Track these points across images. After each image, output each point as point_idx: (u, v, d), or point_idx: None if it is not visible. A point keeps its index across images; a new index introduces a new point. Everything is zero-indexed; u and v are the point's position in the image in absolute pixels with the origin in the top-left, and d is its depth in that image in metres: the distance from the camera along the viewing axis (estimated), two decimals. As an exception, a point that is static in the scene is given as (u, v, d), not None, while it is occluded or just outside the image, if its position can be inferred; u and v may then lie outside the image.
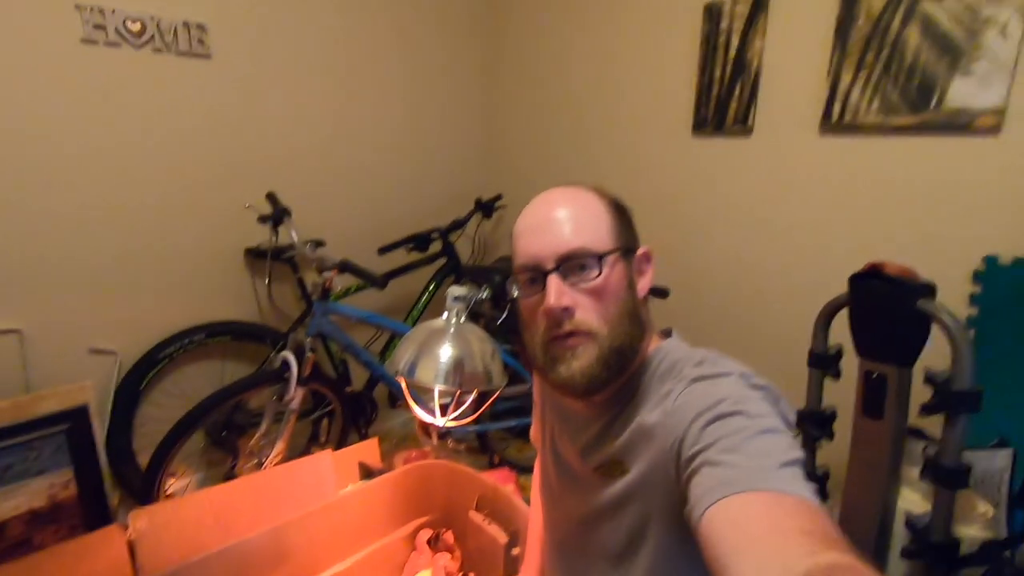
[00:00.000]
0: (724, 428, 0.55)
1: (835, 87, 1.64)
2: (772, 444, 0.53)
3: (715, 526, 0.48)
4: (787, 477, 0.50)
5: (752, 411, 0.56)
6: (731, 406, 0.56)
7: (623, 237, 0.69)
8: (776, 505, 0.47)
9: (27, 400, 1.45)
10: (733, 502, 0.48)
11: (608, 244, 0.67)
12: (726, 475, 0.51)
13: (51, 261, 1.62)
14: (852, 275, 1.14)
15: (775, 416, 0.57)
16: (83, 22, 1.58)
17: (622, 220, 0.71)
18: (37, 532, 1.47)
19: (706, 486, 0.51)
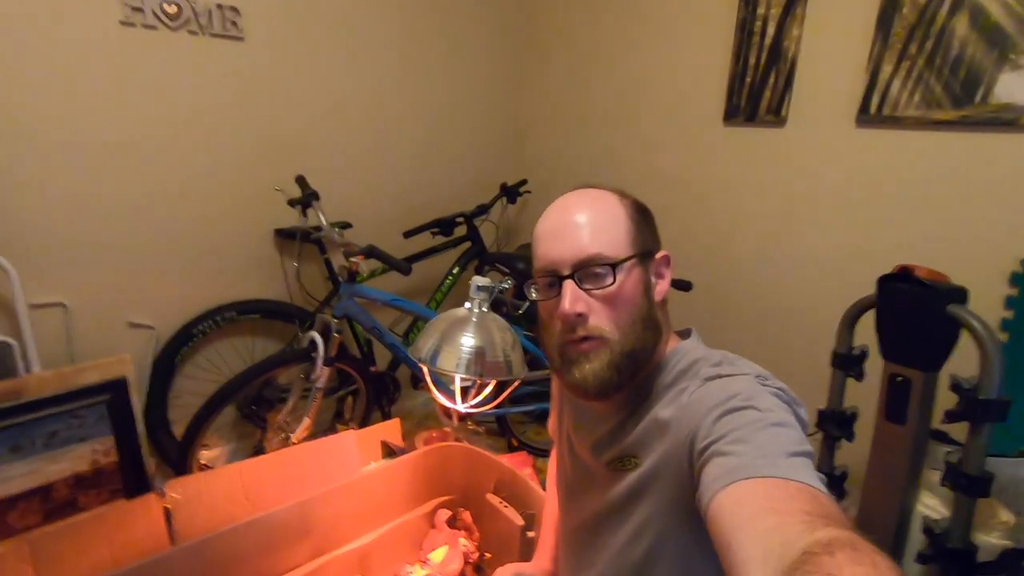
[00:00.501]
0: (735, 421, 0.56)
1: (874, 78, 1.58)
2: (781, 436, 0.54)
3: (720, 510, 0.50)
4: (794, 465, 0.51)
5: (763, 405, 0.57)
6: (743, 401, 0.58)
7: (641, 242, 0.69)
8: (779, 488, 0.48)
9: (71, 371, 1.53)
10: (739, 487, 0.50)
11: (624, 251, 0.68)
12: (733, 463, 0.52)
13: (93, 239, 1.69)
14: (880, 277, 1.12)
15: (787, 412, 0.58)
16: (122, 5, 1.61)
17: (641, 224, 0.71)
18: (81, 494, 1.56)
19: (714, 475, 0.53)
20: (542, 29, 2.51)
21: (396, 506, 1.54)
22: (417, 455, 1.57)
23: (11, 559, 1.05)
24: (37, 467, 1.48)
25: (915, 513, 1.14)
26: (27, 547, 1.08)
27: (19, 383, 1.46)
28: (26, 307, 1.54)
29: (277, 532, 1.30)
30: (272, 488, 1.36)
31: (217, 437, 2.01)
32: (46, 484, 1.50)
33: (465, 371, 1.15)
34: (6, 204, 1.53)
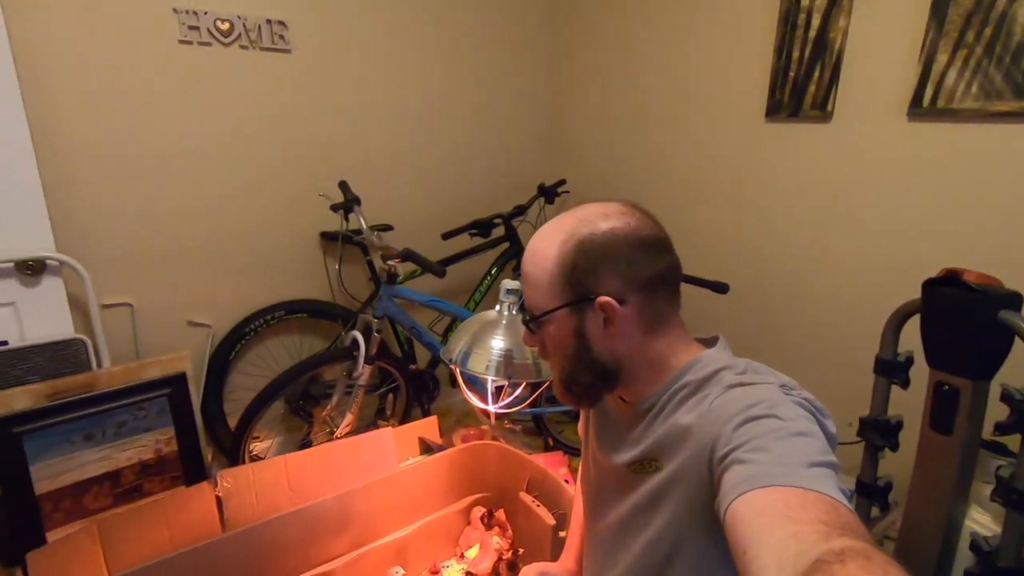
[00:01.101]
0: (756, 429, 0.56)
1: (928, 69, 1.50)
2: (803, 446, 0.54)
3: (737, 517, 0.50)
4: (814, 476, 0.50)
5: (785, 414, 0.57)
6: (765, 409, 0.58)
7: (571, 290, 0.70)
8: (797, 498, 0.48)
9: (136, 366, 1.65)
10: (756, 495, 0.50)
11: (547, 303, 0.71)
12: (752, 471, 0.52)
13: (157, 243, 1.81)
14: (925, 281, 1.07)
15: (811, 422, 0.57)
16: (180, 24, 1.72)
17: (578, 272, 0.69)
18: (146, 480, 1.69)
19: (733, 482, 0.53)
20: (579, 28, 2.50)
21: (432, 501, 1.59)
22: (453, 452, 1.62)
23: (83, 539, 1.16)
24: (108, 454, 1.62)
25: (963, 529, 1.09)
26: (96, 529, 1.18)
27: (92, 377, 1.60)
28: (97, 307, 1.67)
29: (319, 522, 1.37)
30: (315, 480, 1.43)
31: (268, 430, 2.12)
32: (115, 470, 1.63)
33: (495, 373, 1.18)
34: (81, 212, 1.67)
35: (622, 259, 0.69)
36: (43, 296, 1.59)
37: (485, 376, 1.18)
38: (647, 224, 0.70)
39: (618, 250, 0.69)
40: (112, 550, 1.17)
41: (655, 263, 0.69)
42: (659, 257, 0.69)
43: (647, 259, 0.69)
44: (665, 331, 0.72)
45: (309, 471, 1.44)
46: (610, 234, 0.69)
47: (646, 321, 0.70)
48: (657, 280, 0.69)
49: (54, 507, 1.55)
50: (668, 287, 0.71)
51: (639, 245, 0.69)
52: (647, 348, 0.72)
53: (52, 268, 1.58)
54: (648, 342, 0.71)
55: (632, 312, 0.69)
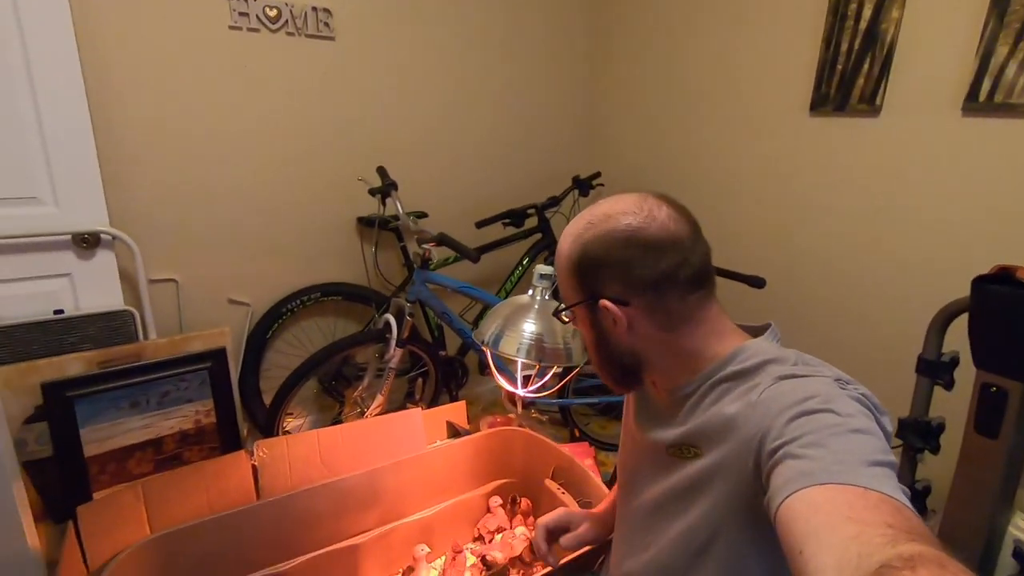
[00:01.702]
0: (811, 424, 0.53)
1: (986, 62, 1.44)
2: (862, 443, 0.51)
3: (792, 514, 0.47)
4: (876, 475, 0.48)
5: (843, 410, 0.54)
6: (820, 403, 0.55)
7: (582, 290, 0.74)
8: (859, 498, 0.45)
9: (180, 339, 1.72)
10: (813, 492, 0.47)
11: (568, 298, 0.77)
12: (808, 467, 0.50)
13: (202, 223, 1.88)
14: (976, 278, 1.04)
15: (869, 419, 0.55)
16: (231, 10, 1.78)
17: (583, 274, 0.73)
18: (186, 449, 1.75)
19: (787, 476, 0.50)
20: (619, 17, 2.48)
21: (458, 483, 1.61)
22: (480, 436, 1.64)
23: (129, 497, 1.22)
24: (151, 422, 1.69)
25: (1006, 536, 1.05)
26: (141, 490, 1.24)
27: (139, 347, 1.67)
28: (146, 281, 1.74)
29: (348, 496, 1.41)
30: (346, 456, 1.47)
31: (301, 408, 2.18)
32: (157, 438, 1.70)
33: (526, 356, 1.19)
34: (133, 190, 1.74)
35: (620, 263, 0.69)
36: (96, 269, 1.67)
37: (516, 358, 1.19)
38: (660, 220, 0.68)
39: (616, 253, 0.69)
40: (154, 509, 1.23)
41: (658, 263, 0.67)
42: (663, 257, 0.67)
43: (649, 260, 0.67)
44: (689, 326, 0.70)
45: (341, 446, 1.47)
46: (609, 237, 0.69)
47: (660, 319, 0.70)
48: (663, 280, 0.68)
49: (100, 469, 1.62)
50: (681, 285, 0.68)
51: (640, 246, 0.67)
52: (670, 343, 0.71)
53: (105, 242, 1.66)
54: (670, 337, 0.70)
55: (639, 312, 0.70)
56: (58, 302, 1.63)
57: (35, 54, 1.46)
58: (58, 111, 1.51)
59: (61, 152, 1.54)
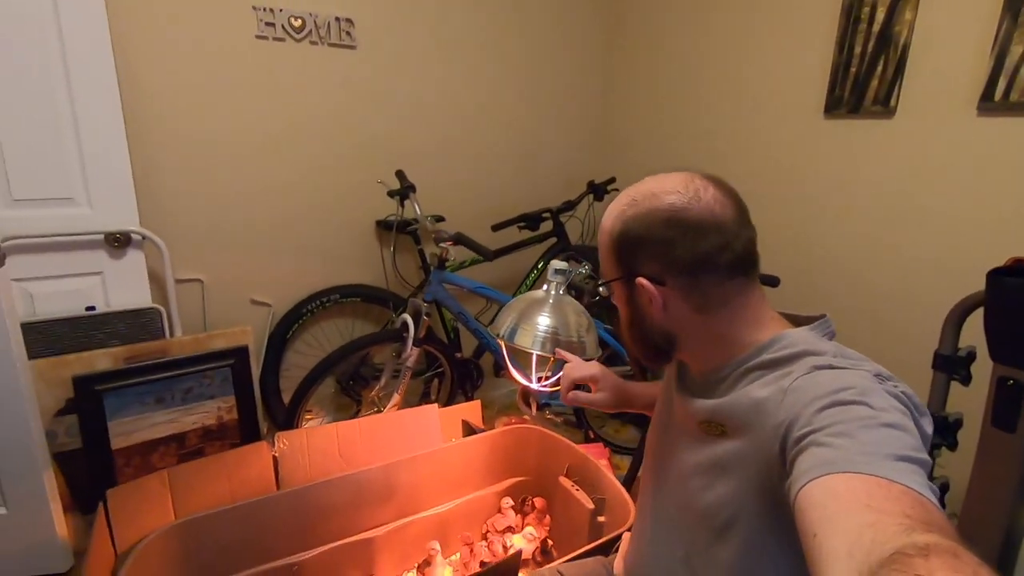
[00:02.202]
0: (842, 415, 0.52)
1: (1001, 62, 1.45)
2: (892, 437, 0.50)
3: (810, 500, 0.47)
4: (901, 469, 0.46)
5: (877, 404, 0.53)
6: (855, 395, 0.54)
7: (621, 266, 0.75)
8: (880, 488, 0.44)
9: (204, 337, 1.77)
10: (834, 479, 0.46)
11: (608, 272, 0.78)
12: (832, 455, 0.49)
13: (227, 226, 1.94)
14: (991, 270, 1.04)
15: (905, 416, 0.53)
16: (257, 20, 1.85)
17: (623, 250, 0.74)
18: (207, 444, 1.80)
19: (810, 463, 0.50)
20: (633, 24, 2.52)
21: (473, 480, 1.63)
22: (494, 434, 1.65)
23: (156, 484, 1.26)
24: (175, 417, 1.74)
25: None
26: (167, 476, 1.28)
27: (165, 344, 1.72)
28: (173, 281, 1.80)
29: (365, 490, 1.44)
30: (363, 450, 1.50)
31: (319, 407, 2.22)
32: (181, 432, 1.75)
33: (540, 348, 1.21)
34: (162, 191, 1.81)
35: (659, 242, 0.69)
36: (127, 267, 1.73)
37: (530, 351, 1.21)
38: (706, 201, 0.68)
39: (656, 232, 0.69)
40: (179, 496, 1.27)
41: (697, 245, 0.67)
42: (703, 239, 0.66)
43: (688, 242, 0.67)
44: (725, 311, 0.70)
45: (358, 440, 1.50)
46: (651, 216, 0.69)
47: (696, 302, 0.69)
48: (701, 262, 0.67)
49: (126, 462, 1.67)
50: (720, 269, 0.67)
51: (680, 227, 0.67)
52: (705, 326, 0.71)
53: (136, 242, 1.72)
54: (705, 320, 0.70)
55: (676, 293, 0.69)
56: (90, 299, 1.69)
57: (73, 62, 1.53)
58: (94, 117, 1.58)
59: (96, 156, 1.61)
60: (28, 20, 1.47)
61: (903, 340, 1.71)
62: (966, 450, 1.16)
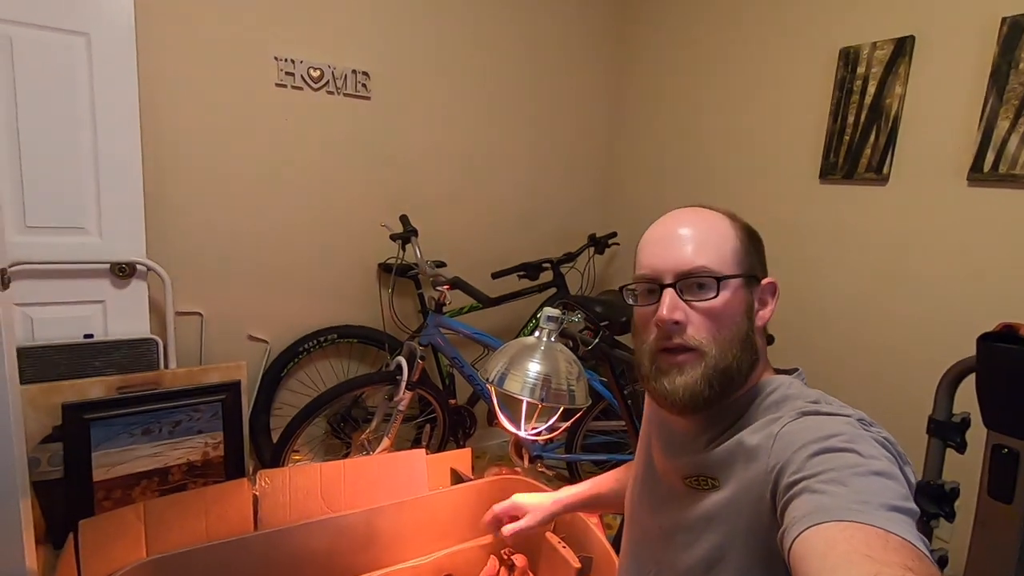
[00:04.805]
0: (833, 461, 0.52)
1: (988, 135, 1.50)
2: (884, 486, 0.50)
3: (808, 549, 0.46)
4: (896, 520, 0.46)
5: (865, 451, 0.53)
6: (844, 442, 0.54)
7: (748, 264, 0.70)
8: (878, 538, 0.44)
9: (198, 370, 1.77)
10: (831, 528, 0.46)
11: (730, 268, 0.68)
12: (826, 503, 0.48)
13: (231, 261, 1.98)
14: (981, 335, 1.04)
15: (892, 464, 0.53)
16: (278, 70, 1.95)
17: (750, 247, 0.71)
18: (191, 481, 1.76)
19: (804, 510, 0.49)
20: (638, 85, 2.63)
21: (457, 531, 1.57)
22: (482, 483, 1.61)
23: (130, 516, 1.23)
24: (161, 450, 1.71)
25: (1028, 612, 0.98)
26: (142, 509, 1.25)
27: (159, 375, 1.72)
28: (173, 313, 1.82)
29: (344, 535, 1.39)
30: (346, 492, 1.46)
31: (308, 448, 2.18)
32: (165, 467, 1.72)
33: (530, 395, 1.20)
34: (168, 226, 1.86)
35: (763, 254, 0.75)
36: (129, 297, 1.76)
37: (520, 396, 1.20)
38: None
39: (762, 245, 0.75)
40: (153, 530, 1.23)
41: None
42: None
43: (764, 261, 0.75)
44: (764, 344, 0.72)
45: (342, 482, 1.47)
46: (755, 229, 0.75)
47: None
48: None
49: (106, 495, 1.64)
50: None
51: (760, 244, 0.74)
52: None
53: (140, 273, 1.75)
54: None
55: None
56: (89, 327, 1.71)
57: (101, 103, 1.62)
58: (114, 152, 1.65)
59: (112, 189, 1.66)
60: (63, 64, 1.56)
61: (898, 402, 1.69)
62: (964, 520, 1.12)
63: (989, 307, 1.50)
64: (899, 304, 1.71)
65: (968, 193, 1.55)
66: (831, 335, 1.90)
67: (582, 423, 2.12)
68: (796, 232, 1.99)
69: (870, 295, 1.79)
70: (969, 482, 1.13)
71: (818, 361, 1.92)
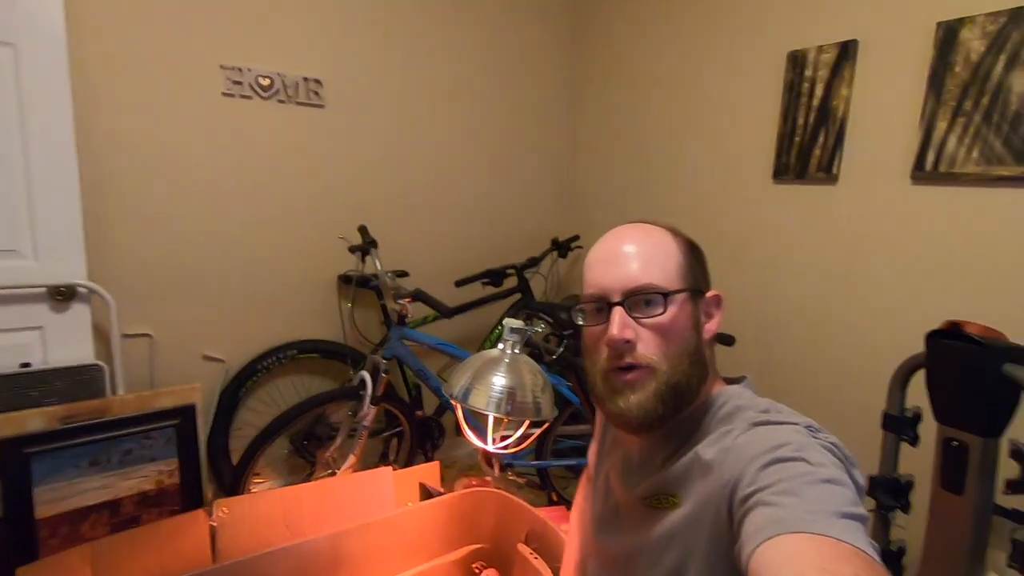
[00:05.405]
0: (783, 472, 0.54)
1: (929, 135, 1.55)
2: (833, 494, 0.51)
3: (764, 563, 0.47)
4: (847, 527, 0.48)
5: (814, 459, 0.54)
6: (792, 451, 0.55)
7: (693, 278, 0.71)
8: (831, 548, 0.45)
9: (149, 395, 1.69)
10: (786, 541, 0.47)
11: (676, 283, 0.68)
12: (780, 515, 0.50)
13: (181, 279, 1.90)
14: (930, 332, 1.07)
15: (840, 469, 0.55)
16: (225, 78, 1.88)
17: (693, 261, 0.72)
18: (145, 512, 1.68)
19: (759, 524, 0.50)
20: (595, 88, 2.64)
21: (428, 548, 1.54)
22: (452, 497, 1.59)
23: (75, 560, 1.15)
24: (110, 482, 1.62)
25: (981, 598, 1.02)
26: (89, 551, 1.18)
27: (105, 403, 1.63)
28: (119, 336, 1.73)
29: (309, 562, 1.34)
30: (310, 516, 1.41)
31: (270, 470, 2.11)
32: (115, 499, 1.63)
33: (495, 410, 1.18)
34: (114, 244, 1.77)
35: (706, 267, 0.75)
36: (70, 322, 1.66)
37: (485, 412, 1.18)
38: None
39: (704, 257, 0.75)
40: (103, 572, 1.16)
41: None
42: None
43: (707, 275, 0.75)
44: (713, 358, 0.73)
45: (306, 506, 1.42)
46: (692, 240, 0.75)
47: None
48: None
49: (51, 533, 1.54)
50: None
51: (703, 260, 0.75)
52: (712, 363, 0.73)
53: (82, 296, 1.66)
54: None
55: None
56: (26, 355, 1.60)
57: (31, 114, 1.52)
58: (48, 168, 1.55)
59: (47, 208, 1.57)
60: (-15, 73, 1.46)
61: (855, 400, 1.74)
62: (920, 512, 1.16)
63: (938, 304, 1.55)
64: (852, 301, 1.76)
65: (912, 192, 1.61)
66: (788, 334, 1.95)
67: (552, 429, 2.11)
68: (752, 232, 2.04)
69: (824, 293, 1.84)
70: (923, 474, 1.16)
71: (775, 360, 1.96)
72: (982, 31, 1.44)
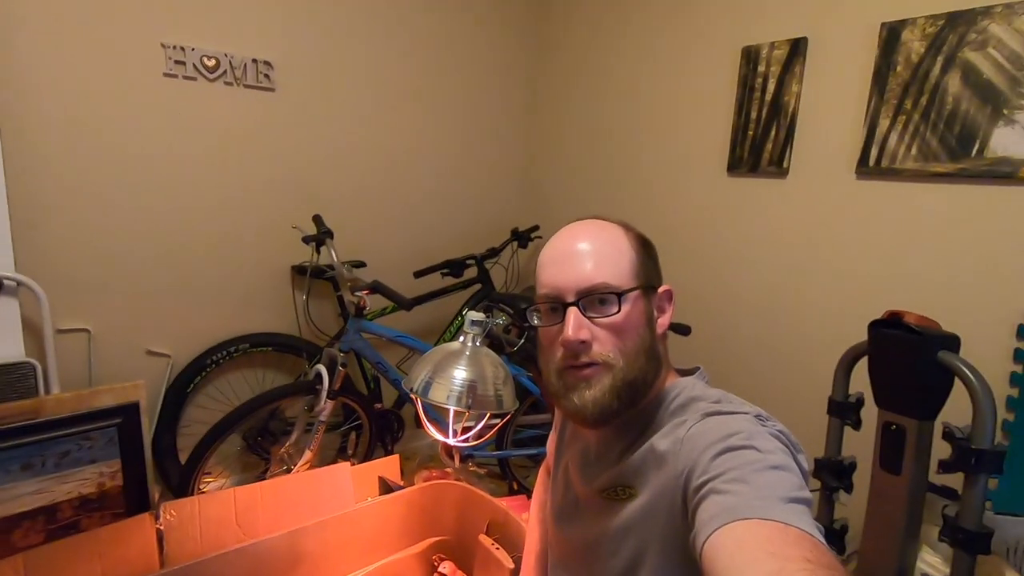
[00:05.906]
0: (734, 460, 0.56)
1: (872, 132, 1.62)
2: (781, 479, 0.54)
3: (717, 550, 0.49)
4: (794, 511, 0.50)
5: (763, 446, 0.57)
6: (742, 440, 0.58)
7: (645, 274, 0.71)
8: (779, 533, 0.48)
9: (87, 393, 1.59)
10: (736, 528, 0.49)
11: (629, 281, 0.69)
12: (731, 503, 0.52)
13: (121, 270, 1.79)
14: (872, 322, 1.12)
15: (787, 455, 0.57)
16: (166, 58, 1.77)
17: (646, 257, 0.72)
18: (85, 517, 1.59)
19: (711, 513, 0.52)
20: (553, 79, 2.64)
21: (389, 543, 1.53)
22: (412, 491, 1.57)
23: (7, 571, 1.08)
24: (45, 486, 1.53)
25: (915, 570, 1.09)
26: (21, 562, 1.11)
27: (37, 403, 1.53)
28: (52, 331, 1.63)
29: (265, 562, 1.31)
30: (264, 516, 1.37)
31: (222, 468, 2.04)
32: (52, 504, 1.54)
33: (456, 403, 1.17)
34: (45, 233, 1.65)
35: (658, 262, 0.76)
36: (-4, 317, 1.54)
37: (446, 406, 1.17)
38: None
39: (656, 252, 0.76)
40: (37, 585, 1.09)
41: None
42: None
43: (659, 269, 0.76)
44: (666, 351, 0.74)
45: (260, 506, 1.38)
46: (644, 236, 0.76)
47: None
48: None
49: (-21, 543, 1.45)
50: None
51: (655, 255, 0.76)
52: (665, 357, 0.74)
53: (9, 288, 1.54)
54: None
55: None
56: (-54, 353, 1.49)
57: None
58: (-34, 151, 1.44)
59: (-35, 193, 1.45)
60: None
61: (804, 387, 1.81)
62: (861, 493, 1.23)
63: (881, 294, 1.63)
64: (803, 292, 1.83)
65: (857, 186, 1.67)
66: (740, 324, 2.01)
67: (513, 419, 2.12)
68: (707, 222, 2.08)
69: (774, 284, 1.90)
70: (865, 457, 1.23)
71: (730, 349, 2.02)
72: (922, 33, 1.51)
